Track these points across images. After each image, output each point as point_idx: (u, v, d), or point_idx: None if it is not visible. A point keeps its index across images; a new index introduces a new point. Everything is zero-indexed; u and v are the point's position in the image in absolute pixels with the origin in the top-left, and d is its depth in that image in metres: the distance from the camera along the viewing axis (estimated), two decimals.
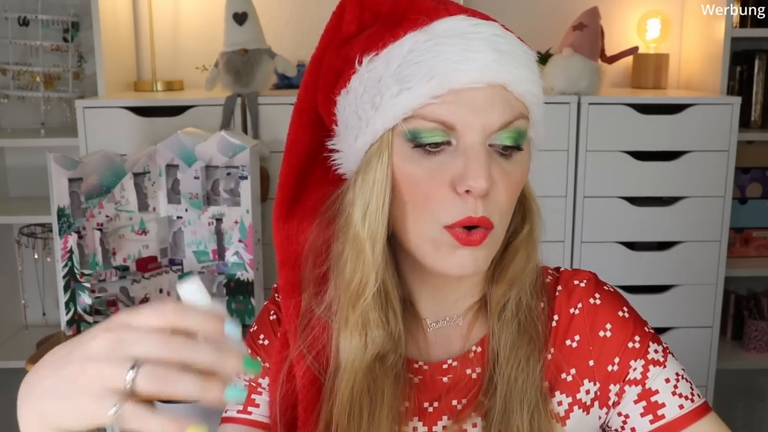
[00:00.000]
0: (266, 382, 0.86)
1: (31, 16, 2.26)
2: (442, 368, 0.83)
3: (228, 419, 0.86)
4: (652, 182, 2.07)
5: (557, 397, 0.81)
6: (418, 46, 0.72)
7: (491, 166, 0.72)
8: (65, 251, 1.71)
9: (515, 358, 0.79)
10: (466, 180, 0.70)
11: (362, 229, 0.75)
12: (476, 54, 0.71)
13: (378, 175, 0.74)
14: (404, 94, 0.71)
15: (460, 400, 0.82)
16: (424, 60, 0.71)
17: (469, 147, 0.71)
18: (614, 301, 0.85)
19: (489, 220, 0.72)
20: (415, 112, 0.71)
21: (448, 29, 0.73)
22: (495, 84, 0.72)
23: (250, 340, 0.89)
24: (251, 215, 1.76)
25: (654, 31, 2.37)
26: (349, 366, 0.78)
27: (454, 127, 0.71)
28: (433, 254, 0.74)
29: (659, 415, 0.79)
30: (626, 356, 0.81)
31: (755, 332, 2.41)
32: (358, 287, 0.76)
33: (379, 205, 0.74)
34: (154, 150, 1.81)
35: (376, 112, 0.73)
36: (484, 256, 0.74)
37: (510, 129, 0.73)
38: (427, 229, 0.73)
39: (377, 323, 0.78)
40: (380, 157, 0.74)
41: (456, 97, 0.71)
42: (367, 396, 0.78)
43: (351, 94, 0.76)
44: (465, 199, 0.71)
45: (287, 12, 2.39)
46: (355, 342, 0.78)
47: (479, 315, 0.84)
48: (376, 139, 0.74)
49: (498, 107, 0.72)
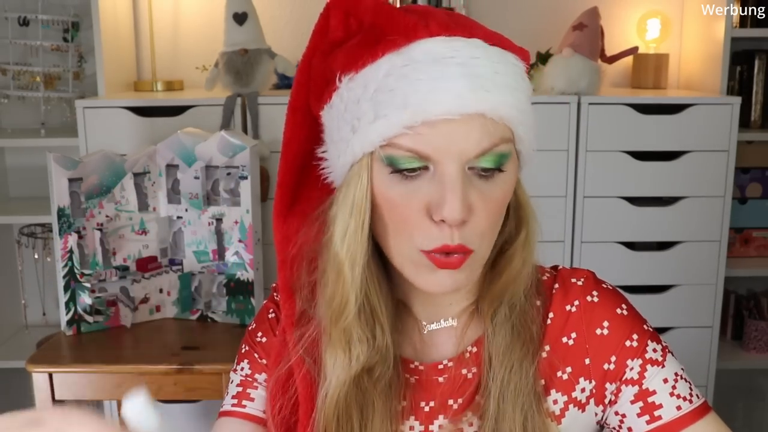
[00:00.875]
0: (263, 378, 0.87)
1: (31, 16, 2.26)
2: (438, 368, 0.83)
3: (224, 413, 0.87)
4: (652, 182, 2.07)
5: (552, 396, 0.81)
6: (394, 71, 0.71)
7: (469, 191, 0.71)
8: (65, 251, 1.71)
9: (508, 361, 0.79)
10: (441, 210, 0.70)
11: (341, 249, 0.75)
12: (450, 83, 0.69)
13: (357, 197, 0.74)
14: (380, 121, 0.71)
15: (456, 400, 0.82)
16: (399, 87, 0.70)
17: (446, 175, 0.70)
18: (612, 299, 0.84)
19: (466, 246, 0.72)
20: (389, 141, 0.71)
21: (425, 52, 0.71)
22: (471, 113, 0.70)
23: (249, 338, 0.90)
24: (251, 215, 1.76)
25: (654, 31, 2.37)
26: (334, 381, 0.78)
27: (429, 157, 0.70)
28: (414, 273, 0.75)
29: (656, 416, 0.78)
30: (623, 355, 0.81)
31: (755, 332, 2.41)
32: (339, 306, 0.77)
33: (358, 226, 0.74)
34: (154, 150, 1.81)
35: (354, 135, 0.73)
36: (463, 278, 0.74)
37: (489, 155, 0.72)
38: (407, 251, 0.74)
39: (361, 339, 0.78)
40: (360, 178, 0.74)
41: (430, 129, 0.70)
42: (357, 409, 0.78)
43: (333, 109, 0.76)
44: (441, 228, 0.71)
45: (287, 12, 2.39)
46: (339, 359, 0.78)
47: (474, 316, 0.84)
48: (356, 160, 0.74)
49: (475, 135, 0.70)
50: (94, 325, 1.76)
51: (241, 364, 0.89)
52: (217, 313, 1.83)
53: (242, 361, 0.89)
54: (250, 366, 0.88)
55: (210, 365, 1.59)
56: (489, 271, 0.81)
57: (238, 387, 0.88)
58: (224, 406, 0.88)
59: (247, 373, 0.88)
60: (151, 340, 1.73)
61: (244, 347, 0.90)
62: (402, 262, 0.75)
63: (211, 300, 1.84)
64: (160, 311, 1.85)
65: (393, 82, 0.71)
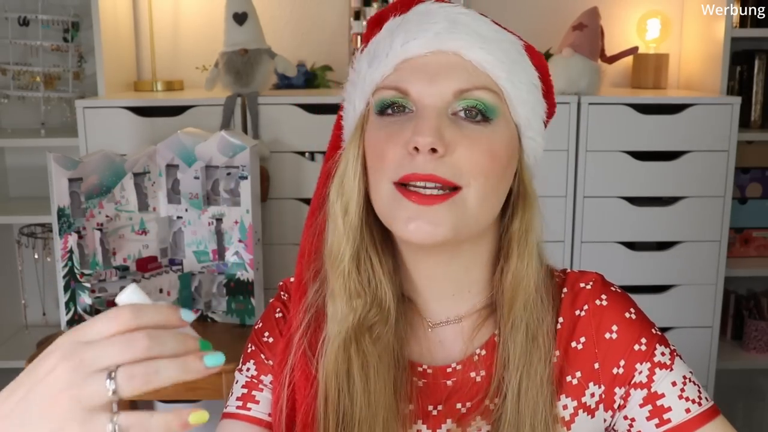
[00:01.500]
0: (269, 380, 0.85)
1: (31, 16, 2.25)
2: (446, 372, 0.82)
3: (227, 415, 0.86)
4: (652, 182, 2.07)
5: (562, 401, 0.81)
6: (390, 27, 0.78)
7: (448, 128, 0.73)
8: (65, 251, 1.71)
9: (525, 366, 0.78)
10: (413, 137, 0.71)
11: (336, 200, 0.79)
12: (432, 25, 0.75)
13: (352, 148, 0.79)
14: (371, 69, 0.77)
15: (464, 404, 0.81)
16: (388, 37, 0.77)
17: (423, 110, 0.73)
18: (621, 303, 0.84)
19: (440, 176, 0.71)
20: (378, 85, 0.77)
21: (418, 10, 0.78)
22: (446, 51, 0.74)
23: (255, 338, 0.89)
24: (251, 215, 1.76)
25: (654, 31, 2.37)
26: (333, 335, 0.79)
27: (407, 92, 0.74)
28: (392, 215, 0.75)
29: (665, 419, 0.78)
30: (632, 359, 0.80)
31: (755, 332, 2.41)
32: (337, 254, 0.79)
33: (350, 175, 0.78)
34: (154, 150, 1.81)
35: (355, 91, 0.80)
36: (448, 223, 0.72)
37: (469, 98, 0.74)
38: (383, 190, 0.75)
39: (359, 293, 0.79)
40: (356, 132, 0.79)
41: (409, 65, 0.75)
42: (357, 368, 0.78)
43: (347, 84, 0.83)
44: (413, 157, 0.72)
45: (287, 12, 2.39)
46: (339, 309, 0.79)
47: (483, 318, 0.83)
48: (357, 117, 0.80)
49: (453, 74, 0.74)
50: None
51: (247, 365, 0.87)
52: (217, 313, 1.83)
53: (248, 361, 0.88)
54: (256, 367, 0.86)
55: None
56: (499, 271, 0.81)
57: (243, 388, 0.86)
58: (228, 407, 0.86)
59: (253, 375, 0.86)
60: None
61: (250, 347, 0.89)
62: (380, 209, 0.76)
63: (211, 300, 1.84)
64: None
65: (385, 35, 0.78)
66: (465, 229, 0.74)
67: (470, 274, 0.82)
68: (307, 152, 2.03)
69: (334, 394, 0.78)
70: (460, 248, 0.79)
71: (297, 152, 2.02)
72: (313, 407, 0.80)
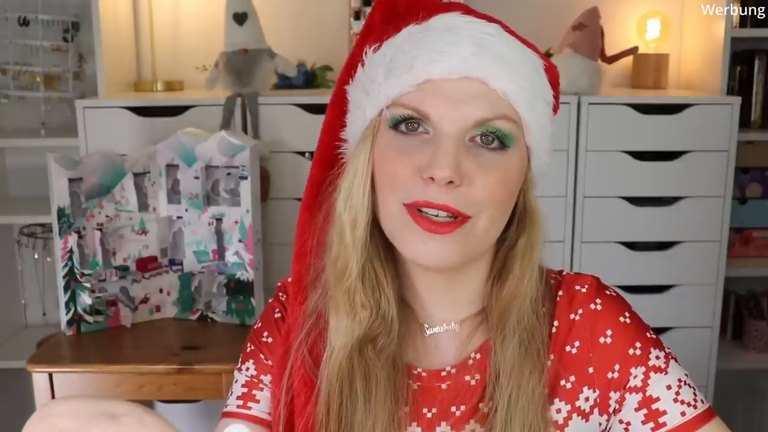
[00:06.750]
0: (268, 379, 0.86)
1: (31, 16, 2.25)
2: (441, 375, 0.82)
3: (227, 414, 0.86)
4: (652, 182, 2.07)
5: (556, 405, 0.81)
6: (411, 37, 0.75)
7: (465, 158, 0.71)
8: (65, 251, 1.71)
9: (516, 378, 0.78)
10: (431, 168, 0.70)
11: (344, 211, 0.77)
12: (457, 47, 0.72)
13: (361, 160, 0.76)
14: (389, 81, 0.74)
15: (458, 407, 0.81)
16: (410, 50, 0.74)
17: (442, 137, 0.72)
18: (616, 307, 0.83)
19: (454, 208, 0.71)
20: (395, 101, 0.74)
21: (441, 23, 0.75)
22: (472, 78, 0.72)
23: (254, 337, 0.89)
24: (251, 215, 1.76)
25: (654, 31, 2.36)
26: (337, 347, 0.79)
27: (428, 116, 0.72)
28: (400, 235, 0.74)
29: (660, 423, 0.78)
30: (627, 363, 0.80)
31: (755, 332, 2.41)
32: (342, 268, 0.78)
33: (359, 188, 0.76)
34: (154, 150, 1.81)
35: (367, 98, 0.76)
36: (456, 250, 0.73)
37: (489, 126, 0.73)
38: (392, 208, 0.74)
39: (365, 305, 0.78)
40: (365, 142, 0.77)
41: (432, 87, 0.72)
42: (360, 379, 0.78)
43: (356, 82, 0.79)
44: (427, 184, 0.71)
45: (287, 12, 2.39)
46: (343, 322, 0.79)
47: (478, 323, 0.83)
48: (366, 126, 0.77)
49: (476, 102, 0.72)
50: (94, 325, 1.76)
51: (246, 364, 0.88)
52: (217, 313, 1.83)
53: (247, 360, 0.88)
54: (255, 366, 0.87)
55: (210, 365, 1.59)
56: (494, 280, 0.81)
57: (243, 388, 0.86)
58: (228, 406, 0.87)
59: (253, 374, 0.87)
60: (151, 340, 1.73)
61: (249, 346, 0.89)
62: (388, 227, 0.76)
63: (211, 300, 1.84)
64: (160, 311, 1.85)
65: (407, 46, 0.75)
66: (472, 254, 0.76)
67: (470, 285, 0.82)
68: (307, 152, 2.03)
69: (336, 402, 0.78)
70: (464, 265, 0.79)
71: (297, 152, 2.02)
72: (314, 414, 0.80)
